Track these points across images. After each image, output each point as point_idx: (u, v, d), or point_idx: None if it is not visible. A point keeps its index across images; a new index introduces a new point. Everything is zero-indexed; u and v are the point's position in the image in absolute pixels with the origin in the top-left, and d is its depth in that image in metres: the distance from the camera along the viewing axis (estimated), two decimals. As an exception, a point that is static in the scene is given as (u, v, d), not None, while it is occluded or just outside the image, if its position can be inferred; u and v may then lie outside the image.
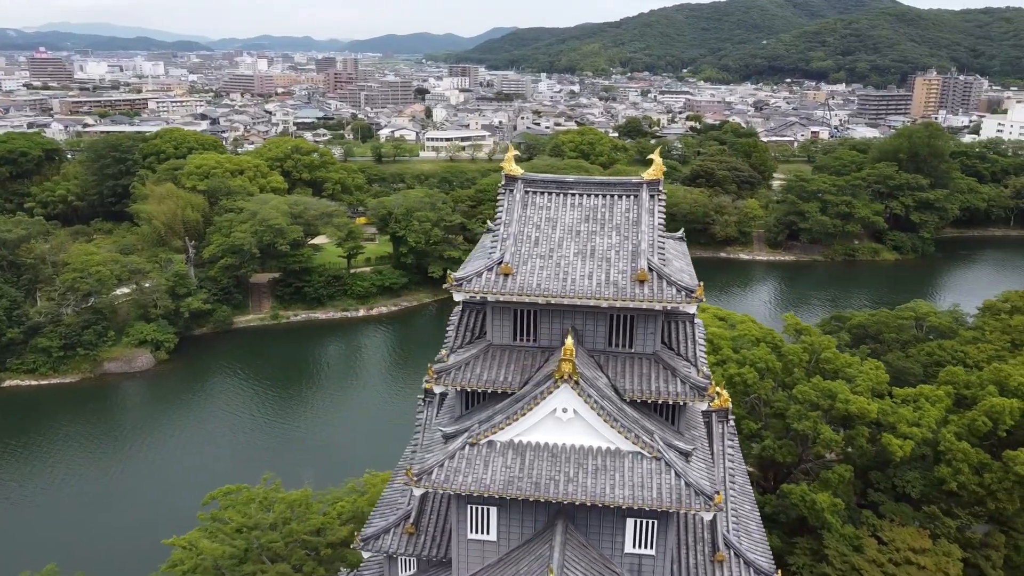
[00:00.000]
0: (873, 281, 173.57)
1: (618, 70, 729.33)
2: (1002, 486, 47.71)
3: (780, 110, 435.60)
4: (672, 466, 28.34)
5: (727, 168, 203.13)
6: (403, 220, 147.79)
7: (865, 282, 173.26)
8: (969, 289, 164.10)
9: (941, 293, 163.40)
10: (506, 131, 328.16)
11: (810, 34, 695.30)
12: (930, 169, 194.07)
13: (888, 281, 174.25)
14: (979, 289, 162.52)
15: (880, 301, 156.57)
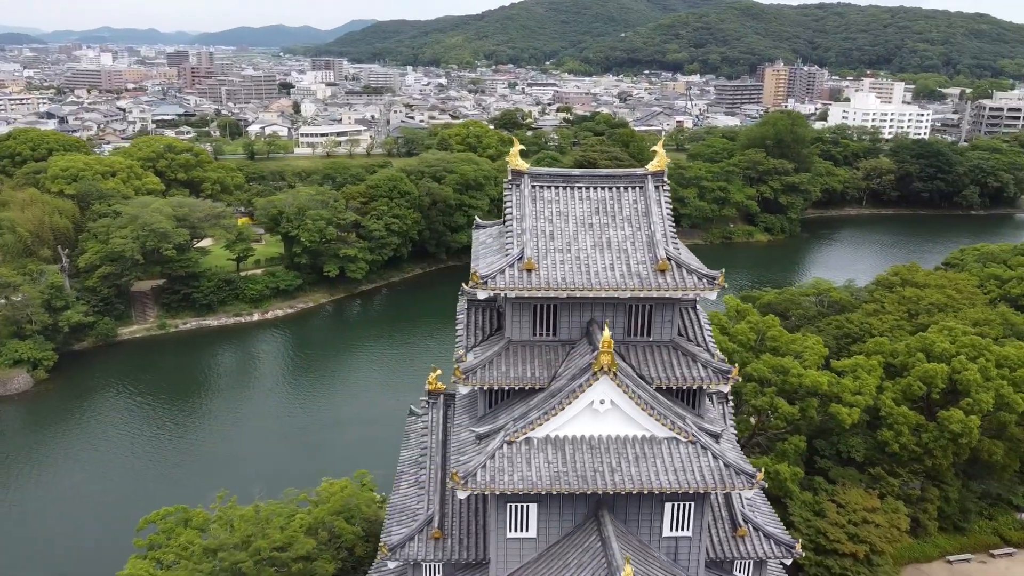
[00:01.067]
0: (750, 261, 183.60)
1: (483, 63, 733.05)
2: (938, 444, 52.22)
3: (644, 101, 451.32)
4: (708, 448, 29.21)
5: (609, 158, 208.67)
6: (295, 219, 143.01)
7: (743, 263, 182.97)
8: (835, 264, 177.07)
9: (811, 270, 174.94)
10: (380, 125, 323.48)
11: (665, 27, 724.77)
12: (793, 154, 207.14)
13: (764, 261, 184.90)
14: (843, 264, 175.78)
15: (759, 280, 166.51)
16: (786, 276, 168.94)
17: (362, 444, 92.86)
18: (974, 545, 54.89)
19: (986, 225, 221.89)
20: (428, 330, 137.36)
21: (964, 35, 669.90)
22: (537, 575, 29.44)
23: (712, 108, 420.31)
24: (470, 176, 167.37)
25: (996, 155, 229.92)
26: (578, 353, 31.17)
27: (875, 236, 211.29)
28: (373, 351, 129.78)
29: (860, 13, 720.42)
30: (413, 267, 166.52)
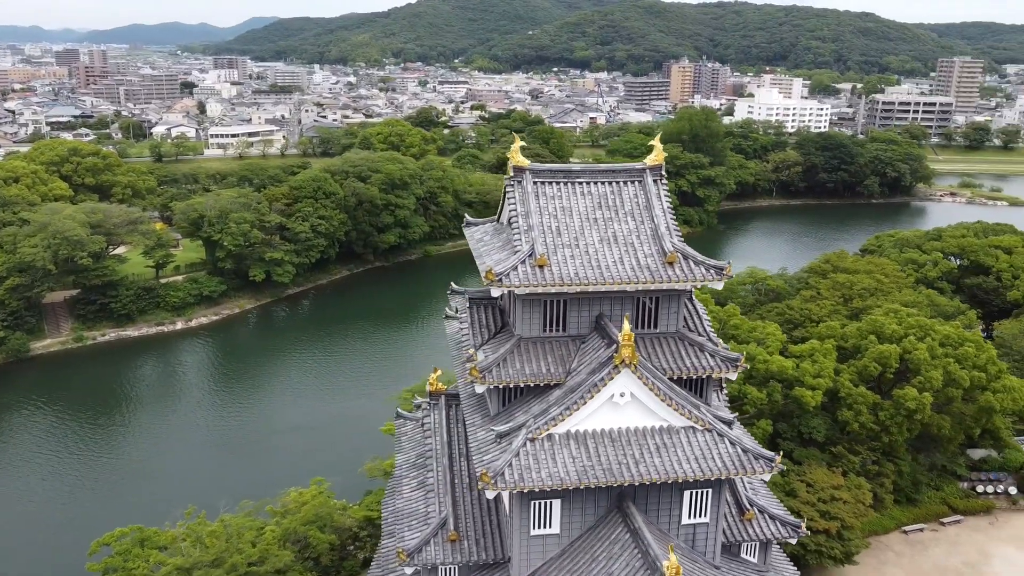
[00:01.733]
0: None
1: (391, 61, 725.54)
2: (894, 421, 54.93)
3: (555, 98, 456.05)
4: (725, 435, 29.84)
5: (531, 155, 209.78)
6: (218, 223, 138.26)
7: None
8: (752, 254, 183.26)
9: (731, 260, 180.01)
10: (292, 125, 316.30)
11: (571, 25, 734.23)
12: (708, 148, 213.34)
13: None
14: (759, 254, 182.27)
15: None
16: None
17: (306, 452, 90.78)
18: (926, 515, 58.09)
19: (886, 213, 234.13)
20: (360, 333, 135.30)
21: (852, 33, 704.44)
22: (562, 571, 29.45)
23: (623, 104, 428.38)
24: (396, 175, 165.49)
25: (893, 147, 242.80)
26: (591, 348, 31.32)
27: (786, 226, 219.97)
28: (305, 357, 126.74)
29: (757, 12, 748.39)
30: (340, 269, 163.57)
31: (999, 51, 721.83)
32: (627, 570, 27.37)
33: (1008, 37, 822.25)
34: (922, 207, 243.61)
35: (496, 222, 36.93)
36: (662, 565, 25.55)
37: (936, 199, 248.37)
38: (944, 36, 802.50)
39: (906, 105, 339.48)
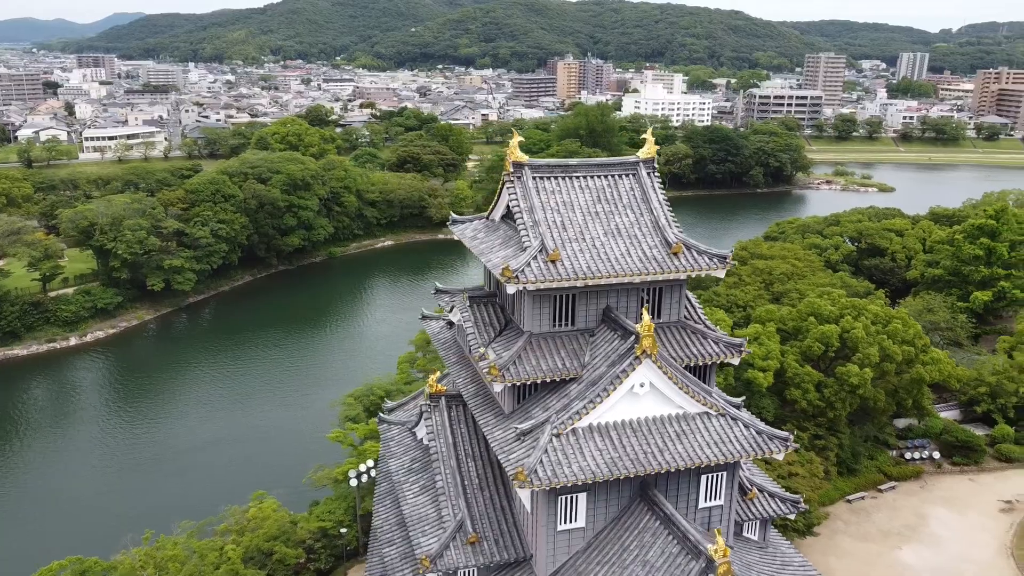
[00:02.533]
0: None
1: (270, 58, 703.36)
2: (838, 397, 57.96)
3: (444, 95, 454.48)
4: (738, 419, 30.71)
5: (432, 152, 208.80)
6: (111, 230, 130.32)
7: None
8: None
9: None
10: (171, 125, 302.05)
11: (454, 22, 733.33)
12: (605, 143, 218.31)
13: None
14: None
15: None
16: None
17: (233, 466, 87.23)
18: (865, 484, 61.64)
19: (771, 201, 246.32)
20: (270, 340, 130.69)
21: (724, 30, 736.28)
22: (590, 563, 29.54)
23: (512, 101, 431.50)
24: (297, 176, 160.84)
25: (774, 138, 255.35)
26: (603, 340, 31.51)
27: (682, 217, 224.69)
28: (214, 367, 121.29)
29: (634, 9, 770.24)
30: (243, 274, 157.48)
31: (855, 47, 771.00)
32: (664, 557, 27.75)
33: (861, 35, 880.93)
34: (802, 195, 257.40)
35: (486, 219, 36.51)
36: (707, 549, 26.07)
37: (815, 187, 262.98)
38: (806, 33, 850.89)
39: (780, 99, 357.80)
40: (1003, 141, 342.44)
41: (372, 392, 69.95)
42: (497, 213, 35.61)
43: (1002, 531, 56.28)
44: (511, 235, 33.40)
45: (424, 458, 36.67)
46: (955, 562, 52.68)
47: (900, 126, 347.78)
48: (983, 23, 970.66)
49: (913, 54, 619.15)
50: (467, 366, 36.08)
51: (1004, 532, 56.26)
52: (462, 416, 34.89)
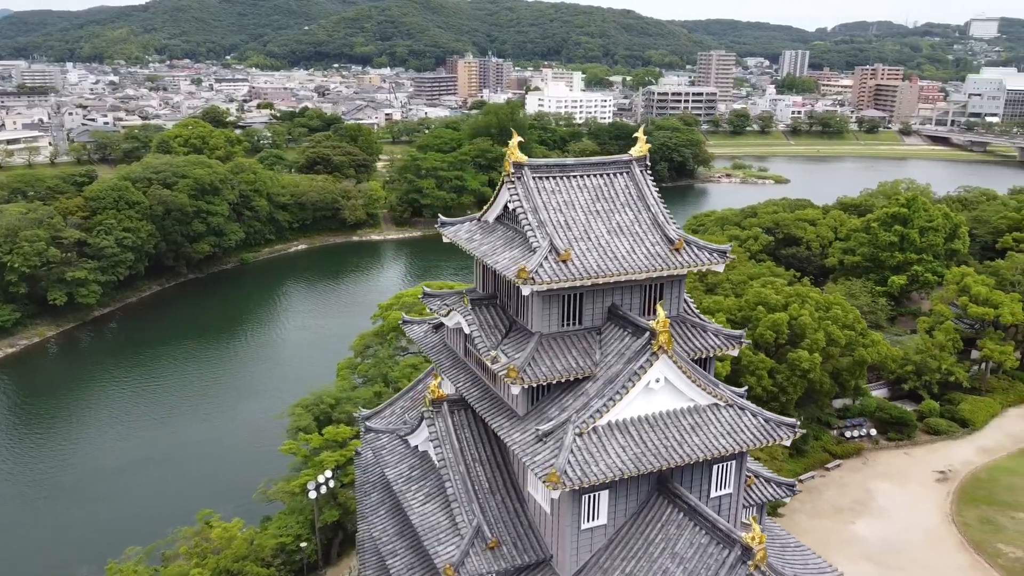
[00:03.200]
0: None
1: (155, 58, 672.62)
2: (790, 382, 60.32)
3: (343, 95, 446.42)
4: (746, 408, 31.58)
5: (342, 153, 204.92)
6: (6, 242, 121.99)
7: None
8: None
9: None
10: (54, 129, 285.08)
11: (349, 20, 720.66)
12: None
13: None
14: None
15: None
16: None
17: (164, 486, 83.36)
18: (813, 463, 64.49)
19: (676, 195, 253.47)
20: (184, 352, 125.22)
21: (616, 29, 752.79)
22: (615, 560, 29.74)
23: (414, 100, 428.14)
24: (205, 180, 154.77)
25: (677, 133, 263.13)
26: (613, 337, 31.76)
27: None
28: (127, 384, 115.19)
29: (528, 8, 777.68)
30: (150, 284, 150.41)
31: (740, 45, 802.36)
32: (693, 548, 28.25)
33: (746, 33, 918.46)
34: (704, 188, 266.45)
35: (478, 221, 36.14)
36: (741, 537, 26.70)
37: (716, 180, 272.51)
38: (693, 32, 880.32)
39: (678, 95, 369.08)
40: (882, 133, 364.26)
41: (322, 401, 68.16)
42: (492, 214, 35.33)
43: (941, 499, 60.07)
44: (512, 236, 33.22)
45: (422, 465, 36.04)
46: (904, 532, 55.86)
47: (789, 121, 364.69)
48: (854, 23, 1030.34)
49: (794, 52, 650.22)
50: (465, 369, 35.68)
51: (943, 500, 60.07)
52: (465, 421, 34.45)
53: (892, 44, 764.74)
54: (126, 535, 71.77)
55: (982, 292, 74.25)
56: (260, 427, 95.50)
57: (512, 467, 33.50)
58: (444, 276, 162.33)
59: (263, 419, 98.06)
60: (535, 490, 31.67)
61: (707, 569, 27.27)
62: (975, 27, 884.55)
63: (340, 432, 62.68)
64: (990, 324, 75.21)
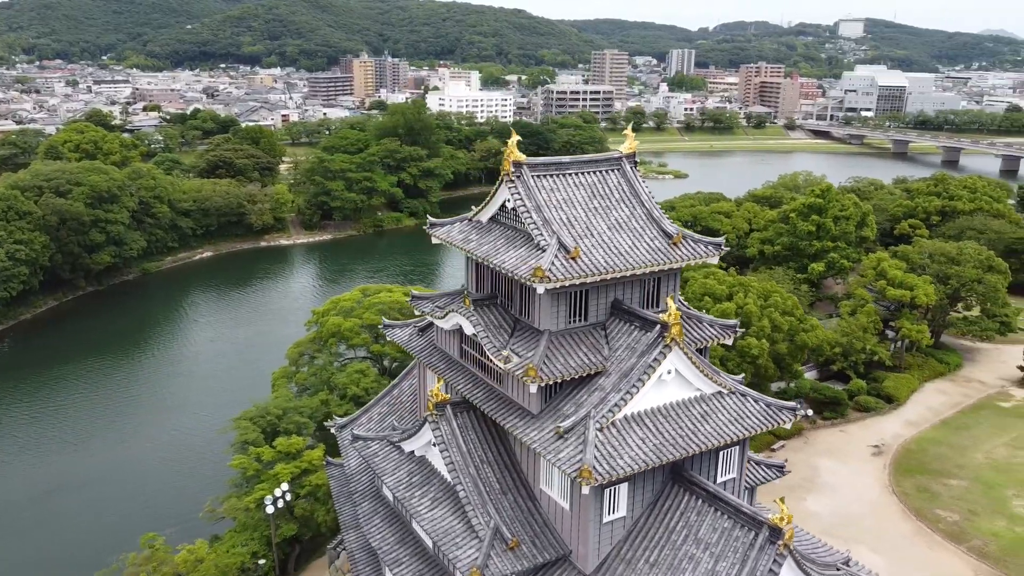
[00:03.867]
0: (411, 245, 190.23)
1: (23, 58, 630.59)
2: (740, 368, 62.43)
3: (234, 96, 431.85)
4: (747, 395, 32.67)
5: (245, 156, 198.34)
6: None
7: (406, 247, 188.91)
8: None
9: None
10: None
11: (234, 19, 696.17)
12: (423, 141, 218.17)
13: (420, 243, 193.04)
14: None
15: (421, 263, 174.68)
16: (444, 256, 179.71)
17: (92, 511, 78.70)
18: (761, 445, 67.08)
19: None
20: (91, 369, 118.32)
21: (509, 28, 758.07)
22: (636, 549, 30.16)
23: (309, 101, 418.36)
24: (102, 187, 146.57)
25: (580, 131, 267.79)
26: (620, 332, 32.19)
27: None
28: (30, 407, 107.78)
29: (420, 8, 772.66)
30: (46, 299, 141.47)
31: (628, 44, 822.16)
32: (717, 532, 29.02)
33: (633, 32, 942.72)
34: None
35: (469, 221, 35.83)
36: (768, 519, 27.64)
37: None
38: (583, 31, 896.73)
39: (576, 94, 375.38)
40: (769, 128, 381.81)
41: (268, 412, 65.90)
42: (486, 214, 35.12)
43: (879, 472, 63.74)
44: (512, 235, 33.14)
45: (422, 471, 35.51)
46: (851, 505, 59.01)
47: (683, 117, 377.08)
48: (734, 23, 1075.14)
49: (682, 51, 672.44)
50: (462, 371, 35.40)
51: (881, 473, 63.77)
52: (469, 423, 34.17)
53: (770, 43, 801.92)
54: (57, 570, 67.61)
55: (898, 275, 79.22)
56: (185, 444, 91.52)
57: (521, 466, 33.48)
58: (358, 280, 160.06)
59: (187, 436, 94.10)
60: (549, 487, 31.76)
61: (734, 552, 28.10)
62: (843, 27, 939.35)
63: (293, 443, 60.89)
64: (906, 305, 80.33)
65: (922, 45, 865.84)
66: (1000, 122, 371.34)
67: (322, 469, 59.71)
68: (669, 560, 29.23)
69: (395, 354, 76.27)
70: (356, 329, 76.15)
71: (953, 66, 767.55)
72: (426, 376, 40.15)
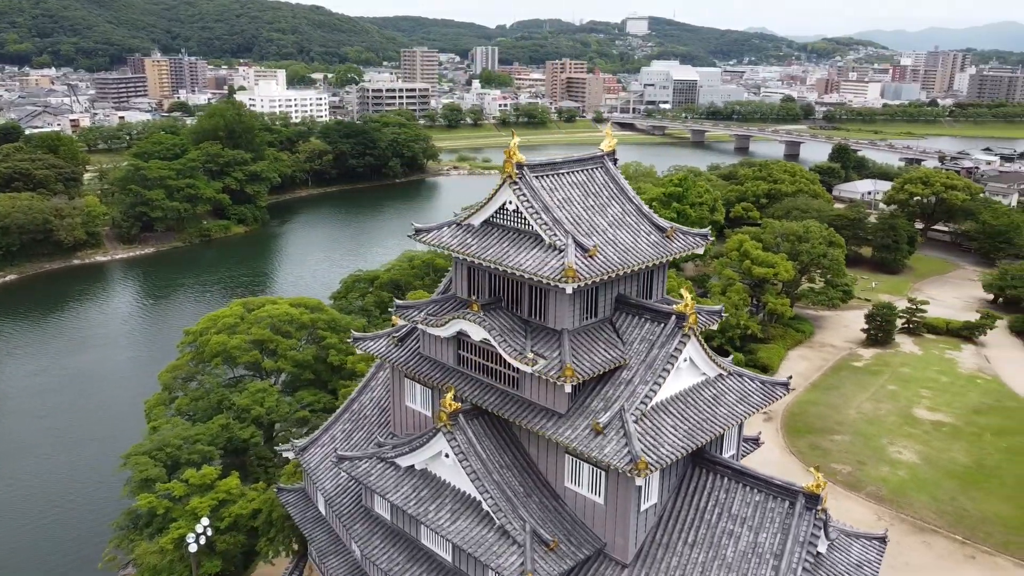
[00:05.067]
0: (239, 254, 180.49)
1: None
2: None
3: (6, 99, 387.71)
4: (743, 375, 34.76)
5: (45, 166, 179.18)
6: None
7: (233, 257, 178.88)
8: (318, 241, 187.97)
9: (307, 250, 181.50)
10: None
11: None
12: (246, 144, 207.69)
13: (253, 252, 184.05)
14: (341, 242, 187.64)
15: (258, 272, 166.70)
16: (290, 260, 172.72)
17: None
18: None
19: (411, 190, 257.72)
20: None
21: (309, 25, 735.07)
22: (671, 533, 31.17)
23: (98, 104, 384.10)
24: None
25: (405, 129, 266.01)
26: (631, 325, 33.03)
27: (335, 212, 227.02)
28: None
29: (211, 3, 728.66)
30: None
31: (430, 41, 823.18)
32: (750, 506, 30.70)
33: (433, 30, 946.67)
34: (436, 182, 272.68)
35: (458, 225, 35.08)
36: (803, 487, 29.69)
37: (445, 173, 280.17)
38: (383, 28, 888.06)
39: (392, 92, 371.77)
40: (579, 122, 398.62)
41: (168, 444, 60.66)
42: (478, 218, 34.56)
43: (774, 435, 69.28)
44: (515, 237, 32.94)
45: (428, 485, 34.50)
46: (760, 468, 63.58)
47: (498, 113, 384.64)
48: (530, 20, 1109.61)
49: (485, 48, 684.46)
50: (463, 378, 34.78)
51: (776, 435, 69.37)
52: (482, 430, 33.65)
53: (566, 40, 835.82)
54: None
55: (760, 255, 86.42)
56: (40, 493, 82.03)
57: (538, 467, 33.49)
58: (189, 294, 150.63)
59: (40, 482, 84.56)
60: (576, 484, 32.05)
61: (772, 523, 29.94)
62: (631, 25, 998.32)
63: (206, 474, 56.64)
64: (768, 281, 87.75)
65: (700, 41, 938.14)
66: (778, 111, 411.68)
67: (242, 499, 56.24)
68: (708, 539, 30.60)
69: (291, 369, 72.75)
70: (244, 346, 71.78)
71: (727, 61, 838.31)
72: (403, 388, 38.95)
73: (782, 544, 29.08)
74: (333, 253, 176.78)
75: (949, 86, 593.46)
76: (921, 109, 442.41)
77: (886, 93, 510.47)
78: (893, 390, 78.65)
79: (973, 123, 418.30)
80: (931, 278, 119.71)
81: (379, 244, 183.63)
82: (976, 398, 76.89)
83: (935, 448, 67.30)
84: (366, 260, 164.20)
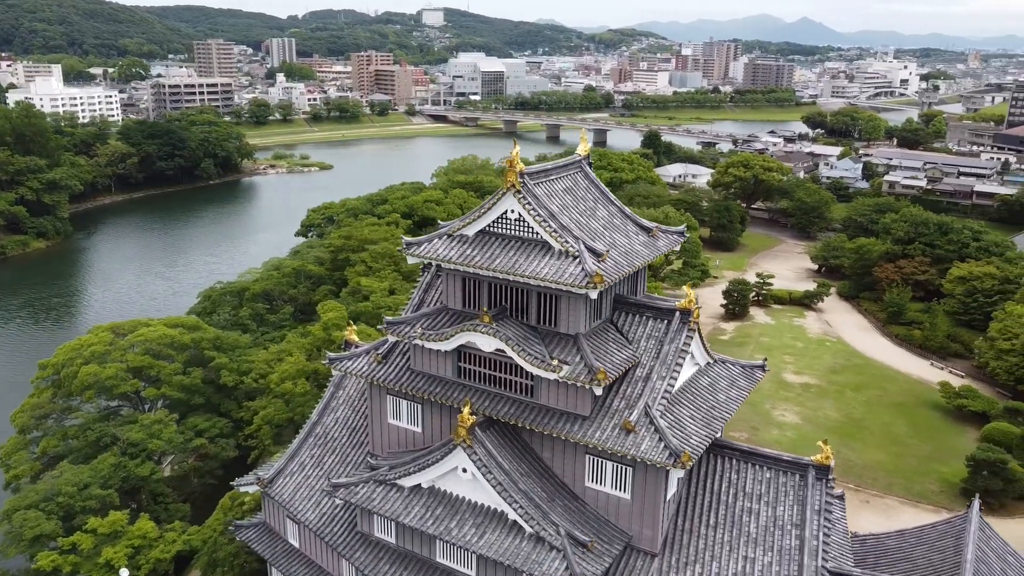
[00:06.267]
0: (44, 273, 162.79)
1: None
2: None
3: None
4: (726, 360, 37.07)
5: None
6: None
7: (37, 276, 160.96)
8: (133, 253, 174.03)
9: (114, 264, 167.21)
10: None
11: None
12: (40, 149, 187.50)
13: (58, 270, 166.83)
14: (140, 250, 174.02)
15: (69, 291, 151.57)
16: (106, 276, 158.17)
17: None
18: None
19: (226, 191, 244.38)
20: None
21: (79, 15, 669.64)
22: (692, 518, 32.64)
23: None
24: None
25: (216, 128, 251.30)
26: (635, 323, 34.11)
27: (146, 220, 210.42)
28: None
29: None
30: None
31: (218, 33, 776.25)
32: (763, 483, 32.89)
33: (220, 20, 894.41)
34: (253, 181, 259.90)
35: (449, 236, 34.36)
36: (811, 460, 32.32)
37: (262, 172, 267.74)
38: (164, 19, 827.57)
39: (192, 87, 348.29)
40: (392, 115, 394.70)
41: (59, 493, 54.38)
42: (473, 228, 34.02)
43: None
44: (519, 245, 32.89)
45: (441, 502, 33.80)
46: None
47: (308, 108, 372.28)
48: (323, 10, 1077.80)
49: (280, 39, 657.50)
50: (468, 390, 34.36)
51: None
52: (499, 440, 33.43)
53: (363, 31, 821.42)
54: None
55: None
56: None
57: (555, 470, 33.83)
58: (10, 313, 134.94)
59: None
60: (598, 483, 32.78)
61: (787, 496, 32.36)
62: (426, 16, 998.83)
63: (115, 520, 51.68)
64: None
65: (495, 33, 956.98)
66: (582, 100, 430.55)
67: (160, 542, 52.04)
68: (728, 519, 32.53)
69: (178, 395, 67.41)
70: (122, 375, 65.69)
71: (523, 51, 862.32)
72: (384, 405, 37.73)
73: (800, 515, 31.58)
74: (153, 265, 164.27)
75: (725, 74, 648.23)
76: (707, 96, 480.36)
77: (673, 81, 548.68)
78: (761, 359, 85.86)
79: (751, 108, 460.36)
80: (761, 252, 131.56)
81: (207, 252, 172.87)
82: (830, 359, 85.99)
83: (810, 408, 74.68)
84: (196, 271, 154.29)
